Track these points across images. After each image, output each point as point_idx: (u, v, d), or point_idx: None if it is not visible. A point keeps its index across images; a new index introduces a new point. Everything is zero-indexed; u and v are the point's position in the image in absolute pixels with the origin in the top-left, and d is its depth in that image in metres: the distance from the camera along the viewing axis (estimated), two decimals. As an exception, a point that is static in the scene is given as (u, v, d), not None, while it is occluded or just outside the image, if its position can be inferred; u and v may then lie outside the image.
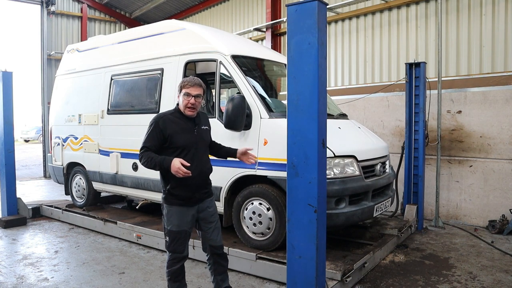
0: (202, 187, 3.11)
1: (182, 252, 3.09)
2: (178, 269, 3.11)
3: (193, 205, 3.09)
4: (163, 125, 2.99)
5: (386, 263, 4.50)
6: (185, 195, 3.03)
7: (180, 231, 3.05)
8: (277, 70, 5.51)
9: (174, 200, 3.05)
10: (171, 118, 3.05)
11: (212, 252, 3.24)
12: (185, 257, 3.12)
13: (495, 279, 4.04)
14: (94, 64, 6.37)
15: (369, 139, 4.87)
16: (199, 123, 3.14)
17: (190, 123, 3.08)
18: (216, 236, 3.22)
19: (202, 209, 3.15)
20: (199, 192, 3.09)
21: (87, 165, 6.34)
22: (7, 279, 4.10)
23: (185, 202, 3.05)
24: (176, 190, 3.03)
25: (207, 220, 3.18)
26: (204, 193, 3.13)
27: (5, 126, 6.33)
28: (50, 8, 12.18)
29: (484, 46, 6.54)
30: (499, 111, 5.82)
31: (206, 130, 3.20)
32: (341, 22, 8.60)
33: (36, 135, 30.03)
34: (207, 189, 3.17)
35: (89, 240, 5.47)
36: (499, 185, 5.82)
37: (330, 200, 3.80)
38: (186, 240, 3.10)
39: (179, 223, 3.05)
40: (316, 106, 2.98)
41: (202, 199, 3.13)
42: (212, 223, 3.21)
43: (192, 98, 2.99)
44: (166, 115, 3.09)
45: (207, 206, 3.18)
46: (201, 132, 3.13)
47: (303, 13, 2.98)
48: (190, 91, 2.99)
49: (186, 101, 3.00)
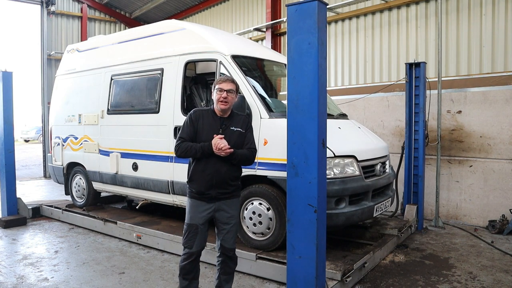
0: (218, 186, 3.09)
1: (191, 247, 3.10)
2: (188, 266, 3.12)
3: (209, 202, 3.11)
4: (195, 118, 3.13)
5: (386, 263, 4.50)
6: (199, 189, 3.09)
7: (191, 224, 3.11)
8: (277, 70, 5.51)
9: (191, 193, 3.15)
10: (204, 113, 3.17)
11: (222, 252, 3.25)
12: (193, 253, 3.12)
13: (495, 279, 4.04)
14: (94, 64, 6.37)
15: (369, 139, 4.87)
16: (229, 124, 3.14)
17: (218, 121, 3.13)
18: (229, 239, 3.21)
19: (219, 208, 3.15)
20: (215, 191, 3.09)
21: (87, 165, 6.34)
22: (7, 279, 4.09)
23: (200, 196, 3.11)
24: (192, 183, 3.13)
25: (222, 221, 3.18)
26: (221, 193, 3.12)
27: (5, 126, 6.33)
28: (50, 8, 12.17)
29: (484, 46, 6.54)
30: (499, 111, 5.82)
31: (235, 132, 3.15)
32: (341, 22, 8.60)
33: (36, 135, 30.02)
34: (226, 190, 3.14)
35: (89, 240, 5.47)
36: (499, 185, 5.82)
37: (330, 200, 3.80)
38: (196, 235, 3.10)
39: (192, 216, 3.12)
40: (316, 106, 2.98)
41: (219, 199, 3.13)
42: (227, 225, 3.19)
43: (224, 92, 3.06)
44: (201, 109, 3.23)
45: (226, 206, 3.16)
46: (228, 132, 3.11)
47: (303, 13, 2.98)
48: (223, 86, 3.07)
49: (218, 95, 3.07)
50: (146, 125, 5.39)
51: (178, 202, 5.07)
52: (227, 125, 3.14)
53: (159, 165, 5.15)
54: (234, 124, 3.17)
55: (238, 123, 3.19)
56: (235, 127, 3.16)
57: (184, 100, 5.01)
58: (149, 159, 5.30)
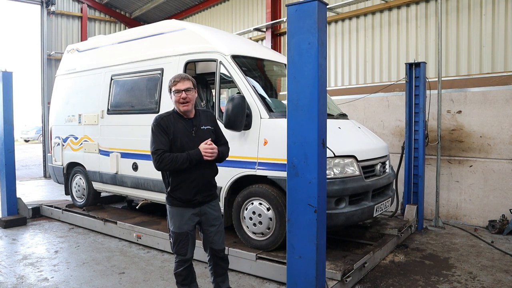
0: (203, 190, 3.04)
1: (185, 255, 3.04)
2: (184, 272, 3.08)
3: (195, 207, 3.05)
4: (165, 125, 2.95)
5: (386, 263, 4.50)
6: (185, 197, 2.99)
7: (181, 233, 3.02)
8: (277, 70, 5.51)
9: (175, 202, 3.03)
10: (170, 118, 3.00)
11: (213, 254, 3.21)
12: (188, 259, 3.08)
13: (495, 279, 4.04)
14: (94, 64, 6.37)
15: (369, 139, 4.87)
16: (199, 124, 3.05)
17: (188, 124, 3.01)
18: (218, 240, 3.17)
19: (204, 212, 3.09)
20: (201, 195, 3.03)
21: (87, 165, 6.34)
22: (7, 279, 4.10)
23: (185, 203, 3.02)
24: (176, 193, 3.00)
25: (209, 223, 3.13)
26: (206, 196, 3.07)
27: (5, 126, 6.33)
28: (50, 8, 12.18)
29: (484, 46, 6.54)
30: (499, 111, 5.82)
31: (207, 130, 3.07)
32: (341, 22, 8.60)
33: (36, 135, 30.03)
34: (209, 192, 3.10)
35: (89, 240, 5.47)
36: (499, 185, 5.82)
37: (330, 200, 3.80)
38: (188, 242, 3.04)
39: (180, 224, 3.02)
40: (316, 106, 2.98)
41: (204, 202, 3.08)
42: (214, 227, 3.14)
43: (182, 92, 2.92)
44: (165, 115, 3.03)
45: (209, 209, 3.12)
46: (200, 132, 3.03)
47: (303, 13, 2.98)
48: (179, 87, 2.93)
49: (177, 97, 2.93)
50: (146, 125, 5.30)
51: (178, 202, 5.06)
52: (197, 125, 3.04)
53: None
54: (203, 123, 3.08)
55: (207, 120, 3.12)
56: (205, 126, 3.07)
57: (184, 100, 5.00)
58: (149, 159, 5.19)
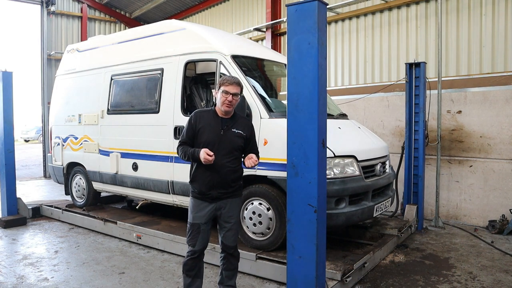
0: (218, 186, 3.13)
1: (193, 246, 3.18)
2: (190, 262, 3.20)
3: (211, 202, 3.16)
4: (195, 120, 3.15)
5: (386, 263, 4.50)
6: (200, 189, 3.15)
7: (194, 224, 3.17)
8: (277, 70, 5.51)
9: (194, 193, 3.21)
10: (205, 114, 3.18)
11: (224, 249, 3.31)
12: (196, 252, 3.18)
13: (495, 279, 4.04)
14: (94, 64, 6.37)
15: (369, 139, 4.87)
16: (231, 125, 3.16)
17: (220, 122, 3.14)
18: (229, 237, 3.26)
19: (220, 207, 3.20)
20: (216, 191, 3.13)
21: (87, 165, 6.34)
22: (7, 279, 4.09)
23: (201, 196, 3.16)
24: (194, 184, 3.19)
25: (224, 219, 3.23)
26: (222, 193, 3.16)
27: (5, 126, 6.33)
28: (50, 8, 12.17)
29: (484, 46, 6.54)
30: (499, 111, 5.82)
31: (237, 134, 3.16)
32: (341, 22, 8.60)
33: (36, 135, 30.01)
34: (226, 190, 3.18)
35: (89, 240, 5.47)
36: (499, 185, 5.82)
37: (330, 200, 3.80)
38: (198, 234, 3.16)
39: (194, 215, 3.18)
40: (316, 106, 2.98)
41: (220, 198, 3.17)
42: (228, 223, 3.24)
43: (230, 95, 3.07)
44: (202, 111, 3.25)
45: (225, 206, 3.21)
46: (229, 134, 3.13)
47: (303, 13, 2.98)
48: (229, 89, 3.08)
49: (224, 98, 3.08)
50: (146, 125, 5.39)
51: (178, 202, 5.07)
52: (228, 126, 3.15)
53: (159, 165, 5.15)
54: (236, 126, 3.18)
55: (240, 126, 3.21)
56: (236, 129, 3.17)
57: (184, 100, 5.01)
58: (149, 159, 5.30)
